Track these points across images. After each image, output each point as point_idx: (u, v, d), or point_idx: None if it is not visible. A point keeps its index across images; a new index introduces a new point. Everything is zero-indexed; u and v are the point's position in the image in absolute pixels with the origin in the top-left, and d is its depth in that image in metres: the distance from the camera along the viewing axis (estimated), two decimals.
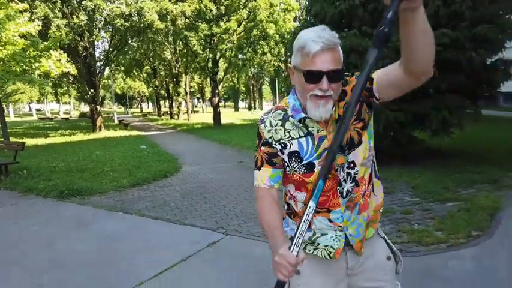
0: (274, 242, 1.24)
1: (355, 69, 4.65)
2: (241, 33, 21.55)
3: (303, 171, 1.28)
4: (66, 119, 45.20)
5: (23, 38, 10.98)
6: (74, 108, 71.36)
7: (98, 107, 20.97)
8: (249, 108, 51.41)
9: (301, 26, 8.83)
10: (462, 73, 6.18)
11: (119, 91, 54.09)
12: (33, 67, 11.47)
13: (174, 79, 31.21)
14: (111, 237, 4.24)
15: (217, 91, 23.24)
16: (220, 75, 24.31)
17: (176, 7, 19.48)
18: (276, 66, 28.05)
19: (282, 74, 28.37)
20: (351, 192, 1.29)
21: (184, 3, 19.80)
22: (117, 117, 34.46)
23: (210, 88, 26.79)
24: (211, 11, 20.10)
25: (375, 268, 1.37)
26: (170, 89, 33.37)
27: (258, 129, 1.35)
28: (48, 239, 4.25)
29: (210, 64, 21.99)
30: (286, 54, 22.43)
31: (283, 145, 1.29)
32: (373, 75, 1.18)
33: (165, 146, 13.11)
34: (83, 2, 17.13)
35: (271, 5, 21.10)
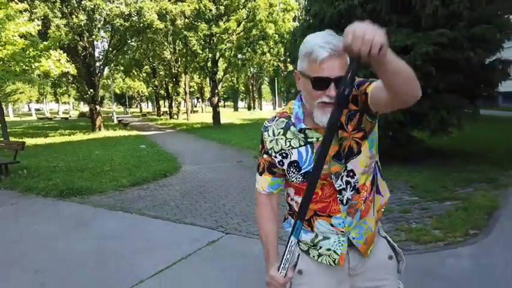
0: (267, 258, 1.36)
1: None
2: (241, 33, 21.57)
3: (300, 181, 1.29)
4: (66, 118, 45.17)
5: (22, 38, 10.99)
6: (73, 108, 71.37)
7: (97, 107, 20.98)
8: (249, 108, 51.39)
9: (301, 26, 8.85)
10: (460, 73, 6.20)
11: (118, 91, 54.05)
12: (33, 67, 11.48)
13: (174, 79, 31.22)
14: (111, 236, 4.26)
15: (216, 91, 23.26)
16: (219, 75, 24.35)
17: (175, 7, 19.51)
18: (276, 66, 28.17)
19: (282, 73, 28.45)
20: (351, 199, 1.28)
21: (184, 3, 19.83)
22: (117, 117, 34.49)
23: (210, 88, 26.81)
24: (210, 10, 20.12)
25: (376, 268, 1.36)
26: (169, 88, 33.37)
27: (262, 136, 1.35)
28: (48, 238, 4.27)
29: (209, 64, 22.01)
30: (286, 54, 22.45)
31: (284, 155, 1.30)
32: (368, 90, 1.15)
33: (165, 145, 13.13)
34: (82, 2, 17.15)
35: (271, 4, 21.13)
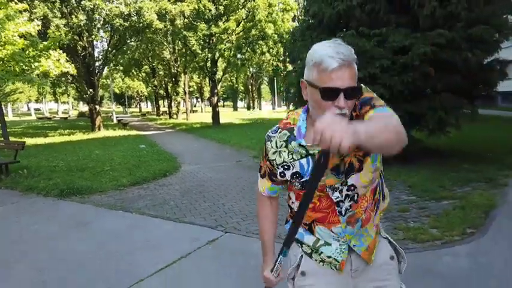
0: (263, 257, 1.48)
1: None
2: (240, 33, 21.59)
3: (299, 188, 1.31)
4: (65, 118, 45.15)
5: (22, 38, 11.01)
6: (72, 107, 71.32)
7: (97, 107, 21.00)
8: (248, 107, 51.42)
9: (300, 26, 8.88)
10: (458, 73, 6.23)
11: (117, 91, 54.06)
12: (33, 67, 11.51)
13: (173, 79, 31.25)
14: (112, 235, 4.29)
15: (216, 91, 23.29)
16: (219, 75, 24.37)
17: (175, 7, 19.54)
18: (275, 65, 28.14)
19: (281, 73, 28.44)
20: (350, 209, 1.28)
21: (183, 3, 19.85)
22: (116, 117, 34.53)
23: (209, 88, 26.82)
24: (210, 10, 20.15)
25: (378, 268, 1.36)
26: (169, 88, 33.39)
27: (265, 144, 1.36)
28: (48, 238, 4.28)
29: (208, 64, 22.03)
30: (285, 54, 22.46)
31: (286, 167, 1.31)
32: (366, 119, 1.14)
33: (164, 145, 13.15)
34: (82, 2, 17.17)
35: (270, 5, 21.15)
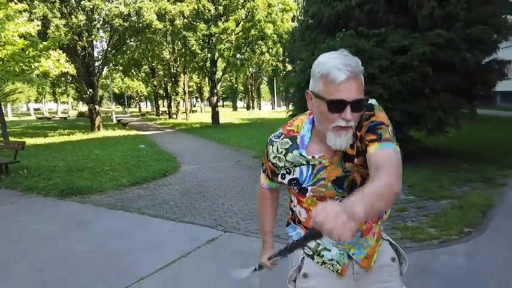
0: (262, 243, 1.58)
1: None
2: (240, 33, 21.61)
3: (297, 192, 1.33)
4: (65, 118, 45.14)
5: (22, 38, 11.04)
6: (72, 107, 71.29)
7: (96, 107, 21.01)
8: (247, 107, 51.41)
9: (299, 26, 8.91)
10: (457, 73, 6.26)
11: (117, 91, 54.05)
12: (33, 67, 11.53)
13: (173, 79, 31.26)
14: (112, 235, 4.31)
15: (215, 91, 23.31)
16: (218, 75, 24.39)
17: (175, 7, 19.56)
18: (274, 66, 28.19)
19: (280, 73, 28.48)
20: None
21: (183, 3, 19.88)
22: (116, 117, 34.52)
23: (209, 88, 26.84)
24: (209, 11, 20.17)
25: (379, 270, 1.36)
26: (168, 88, 33.41)
27: (267, 147, 1.37)
28: (48, 238, 4.30)
29: (208, 64, 22.05)
30: (284, 54, 22.51)
31: (288, 170, 1.32)
32: (368, 151, 1.13)
33: (164, 145, 13.17)
34: (81, 2, 17.18)
35: (269, 5, 21.18)
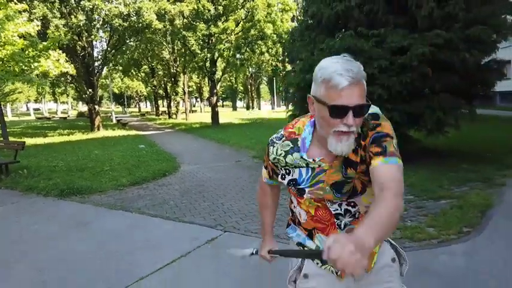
0: (262, 236, 1.63)
1: None
2: (239, 33, 21.64)
3: (295, 192, 1.34)
4: (64, 118, 45.17)
5: (22, 38, 11.04)
6: (71, 107, 71.26)
7: (96, 107, 21.03)
8: (247, 107, 51.44)
9: (299, 27, 8.92)
10: (456, 74, 6.27)
11: (116, 91, 54.05)
12: (32, 67, 11.54)
13: (172, 79, 31.28)
14: (112, 234, 4.32)
15: (215, 91, 23.33)
16: (218, 75, 24.41)
17: (174, 7, 19.58)
18: (274, 66, 28.21)
19: (280, 73, 28.50)
20: (350, 224, 1.30)
21: (183, 3, 19.90)
22: (115, 117, 34.53)
23: (208, 87, 26.87)
24: (209, 11, 20.19)
25: (380, 271, 1.36)
26: (168, 88, 33.44)
27: (268, 147, 1.38)
28: (48, 238, 4.30)
29: (208, 64, 22.07)
30: (284, 54, 22.53)
31: (287, 171, 1.32)
32: (372, 165, 1.14)
33: (164, 145, 13.19)
34: (81, 2, 17.19)
35: (269, 5, 21.20)
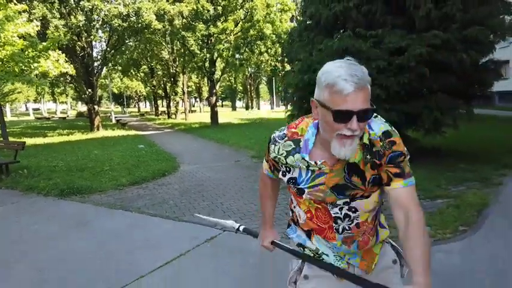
0: (263, 225, 1.68)
1: None
2: (238, 33, 21.68)
3: (295, 191, 1.35)
4: (64, 118, 45.14)
5: (21, 39, 11.07)
6: (71, 107, 71.20)
7: (95, 107, 21.05)
8: (247, 107, 51.46)
9: (298, 27, 8.95)
10: (453, 74, 6.30)
11: (116, 91, 54.03)
12: (32, 67, 11.56)
13: (172, 79, 31.30)
14: (112, 234, 4.35)
15: (214, 91, 23.37)
16: (217, 75, 24.45)
17: (173, 7, 19.61)
18: (273, 66, 28.24)
19: (279, 73, 28.55)
20: (348, 230, 1.30)
21: (182, 4, 19.93)
22: (115, 117, 34.53)
23: (208, 87, 26.91)
24: (208, 11, 20.22)
25: (380, 272, 1.37)
26: (167, 88, 33.47)
27: (269, 144, 1.37)
28: (48, 238, 4.32)
29: (207, 64, 22.10)
30: (283, 54, 22.57)
31: (288, 169, 1.33)
32: (392, 185, 1.21)
33: (163, 145, 13.21)
34: (80, 3, 17.21)
35: (268, 5, 21.24)
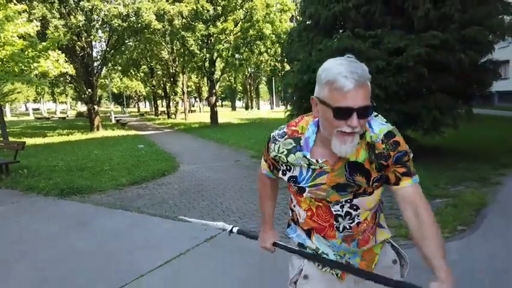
0: (262, 225, 1.64)
1: None
2: (238, 33, 21.69)
3: (295, 190, 1.34)
4: (63, 118, 45.14)
5: (21, 39, 11.08)
6: (70, 107, 71.18)
7: (95, 107, 21.07)
8: (246, 107, 51.45)
9: (298, 27, 8.96)
10: (452, 74, 6.31)
11: (116, 91, 53.99)
12: (32, 67, 11.58)
13: (171, 79, 31.31)
14: (111, 234, 4.36)
15: (214, 90, 23.38)
16: (217, 75, 24.48)
17: (173, 7, 19.62)
18: (273, 66, 28.27)
19: (279, 73, 28.57)
20: (349, 229, 1.30)
21: (182, 4, 19.94)
22: (115, 117, 34.55)
23: (207, 87, 26.93)
24: (208, 11, 20.23)
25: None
26: (167, 88, 33.48)
27: (268, 142, 1.36)
28: (49, 237, 4.34)
29: (207, 64, 22.12)
30: (283, 54, 22.59)
31: (288, 168, 1.32)
32: (401, 185, 1.28)
33: (163, 145, 13.23)
34: (80, 3, 17.23)
35: (268, 5, 21.26)
